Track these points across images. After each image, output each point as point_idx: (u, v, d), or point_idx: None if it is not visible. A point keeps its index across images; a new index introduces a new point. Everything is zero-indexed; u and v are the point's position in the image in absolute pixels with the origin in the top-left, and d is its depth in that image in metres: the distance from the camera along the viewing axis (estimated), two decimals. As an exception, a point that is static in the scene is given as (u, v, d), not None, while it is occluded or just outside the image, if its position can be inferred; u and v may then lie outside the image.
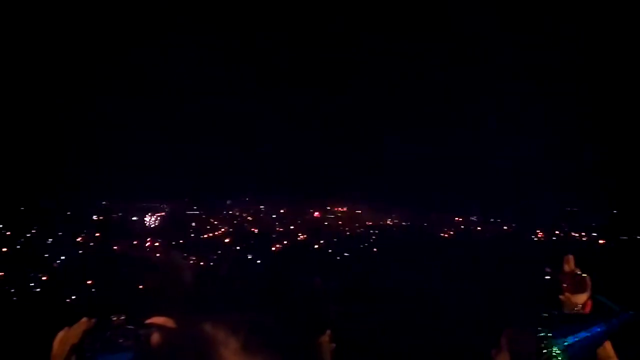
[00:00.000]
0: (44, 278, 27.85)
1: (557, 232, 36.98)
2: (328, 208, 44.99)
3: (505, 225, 41.70)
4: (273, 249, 35.91)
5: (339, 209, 45.10)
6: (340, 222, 43.47)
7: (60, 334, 1.23)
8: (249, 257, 33.20)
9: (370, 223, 43.04)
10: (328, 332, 1.99)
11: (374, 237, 39.79)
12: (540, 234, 37.84)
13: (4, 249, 31.62)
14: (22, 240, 33.53)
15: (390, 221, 44.68)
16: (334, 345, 1.88)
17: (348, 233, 41.10)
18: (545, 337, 1.29)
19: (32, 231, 34.77)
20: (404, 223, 43.85)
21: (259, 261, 31.60)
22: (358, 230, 41.67)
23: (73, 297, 23.92)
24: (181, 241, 36.52)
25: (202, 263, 29.63)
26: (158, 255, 30.75)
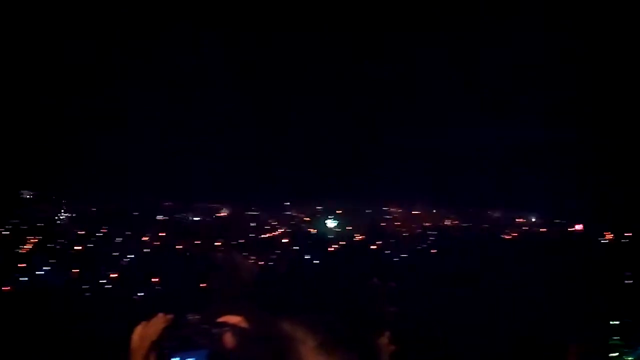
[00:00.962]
0: (113, 275, 29.18)
1: (626, 233, 34.90)
2: (385, 209, 44.65)
3: (570, 227, 39.80)
4: (330, 249, 36.10)
5: (396, 209, 44.67)
6: (397, 223, 43.05)
7: (139, 329, 1.28)
8: (306, 257, 33.48)
9: (429, 224, 42.35)
10: (387, 333, 2.02)
11: (432, 238, 39.14)
12: (609, 236, 35.86)
13: (79, 247, 33.55)
14: (94, 239, 35.42)
15: (450, 222, 43.78)
16: (393, 347, 1.90)
17: (405, 234, 40.65)
18: (618, 345, 1.30)
19: (103, 231, 36.64)
20: (463, 224, 42.85)
21: (316, 261, 31.83)
22: (416, 232, 41.11)
23: (140, 294, 24.87)
24: (241, 241, 37.33)
25: (261, 262, 30.16)
26: (219, 254, 31.53)
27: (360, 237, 39.49)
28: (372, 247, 36.78)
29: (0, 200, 37.21)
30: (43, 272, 29.13)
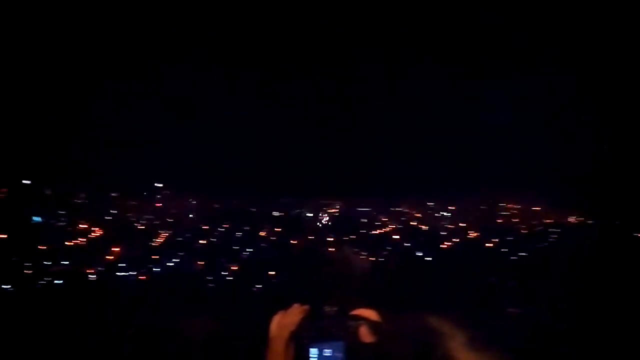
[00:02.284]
0: (234, 268, 30.83)
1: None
2: (501, 204, 42.54)
3: None
4: (443, 246, 35.18)
5: (514, 205, 42.34)
6: (515, 220, 40.81)
7: (277, 318, 1.32)
8: (418, 254, 32.94)
9: (550, 221, 39.57)
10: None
11: (554, 236, 36.50)
12: None
13: (203, 241, 36.06)
14: (217, 234, 37.82)
15: (574, 219, 40.59)
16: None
17: (524, 231, 38.38)
18: None
19: (225, 226, 38.98)
20: (589, 221, 39.45)
21: (428, 258, 31.22)
22: (535, 229, 38.59)
23: (258, 286, 26.01)
24: (352, 237, 37.65)
25: (372, 258, 30.16)
26: (332, 250, 32.09)
27: (475, 235, 37.95)
28: (487, 245, 35.19)
29: (136, 198, 41.05)
30: (173, 264, 31.59)
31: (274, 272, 27.62)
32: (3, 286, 24.39)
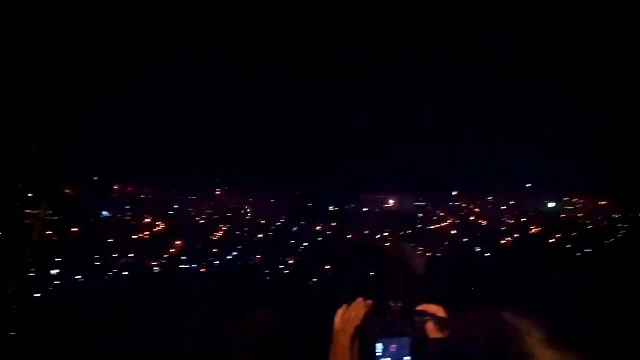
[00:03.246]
0: (290, 261, 31.20)
1: None
2: (565, 199, 40.84)
3: None
4: (502, 242, 34.19)
5: (578, 199, 40.54)
6: (579, 214, 39.09)
7: (340, 312, 1.31)
8: (476, 249, 32.17)
9: (618, 216, 37.58)
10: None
11: (622, 232, 34.60)
12: None
13: (260, 235, 36.77)
14: (274, 227, 38.48)
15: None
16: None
17: (590, 227, 36.64)
18: None
19: (281, 220, 39.60)
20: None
21: (487, 254, 30.42)
22: (601, 224, 36.73)
23: (314, 280, 26.19)
24: (409, 232, 37.25)
25: (429, 253, 29.73)
26: (388, 244, 31.90)
27: (537, 229, 36.60)
28: (550, 240, 33.83)
29: (196, 193, 42.33)
30: (231, 257, 32.37)
31: (329, 266, 27.76)
32: (75, 277, 25.76)
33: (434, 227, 39.60)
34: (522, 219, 38.89)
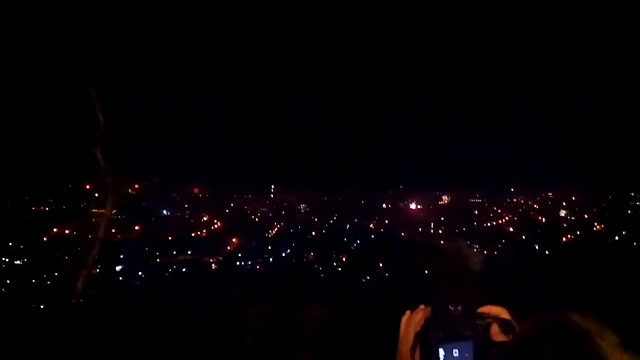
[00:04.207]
0: (343, 259, 31.26)
1: None
2: (632, 194, 38.66)
3: None
4: (564, 239, 32.84)
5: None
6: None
7: (404, 319, 1.27)
8: (535, 247, 31.07)
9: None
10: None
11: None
12: None
13: (314, 233, 37.06)
14: (327, 226, 38.68)
15: None
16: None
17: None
18: None
19: (335, 217, 39.77)
20: None
21: (546, 252, 29.33)
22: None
23: (368, 277, 26.13)
24: (464, 229, 36.44)
25: (485, 251, 29.04)
26: (443, 242, 31.38)
27: (600, 228, 34.84)
28: (614, 238, 32.09)
29: (251, 192, 43.18)
30: (284, 255, 32.78)
31: (382, 264, 27.63)
32: (139, 273, 26.86)
33: (490, 224, 38.60)
34: (584, 216, 37.23)
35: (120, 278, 25.47)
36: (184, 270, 28.10)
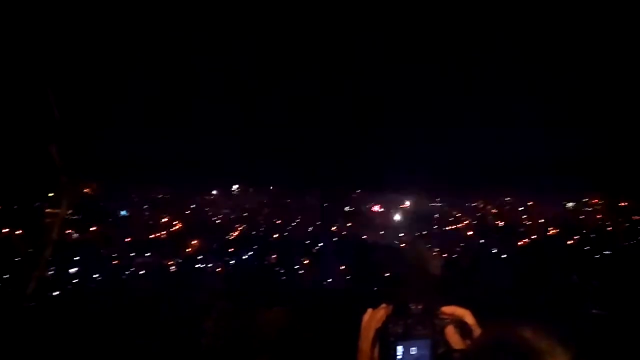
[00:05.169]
0: (305, 262, 31.31)
1: None
2: (585, 200, 40.24)
3: None
4: (520, 243, 33.88)
5: (596, 200, 39.93)
6: (598, 216, 38.53)
7: (365, 317, 1.30)
8: (493, 251, 31.94)
9: (638, 217, 37.00)
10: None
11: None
12: None
13: (276, 235, 36.93)
14: (289, 228, 38.60)
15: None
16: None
17: (609, 228, 36.15)
18: None
19: (298, 220, 39.70)
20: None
21: (504, 255, 30.18)
22: (621, 226, 36.22)
23: (329, 281, 26.27)
24: (425, 232, 37.08)
25: (445, 254, 29.61)
26: (404, 245, 31.84)
27: (554, 231, 36.21)
28: (568, 242, 33.47)
29: (213, 193, 42.62)
30: (246, 257, 32.56)
31: (344, 267, 27.80)
32: (93, 275, 26.14)
33: (450, 227, 39.35)
34: (540, 220, 38.46)
35: (75, 280, 24.70)
36: (142, 272, 27.52)
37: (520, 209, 40.74)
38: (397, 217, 42.48)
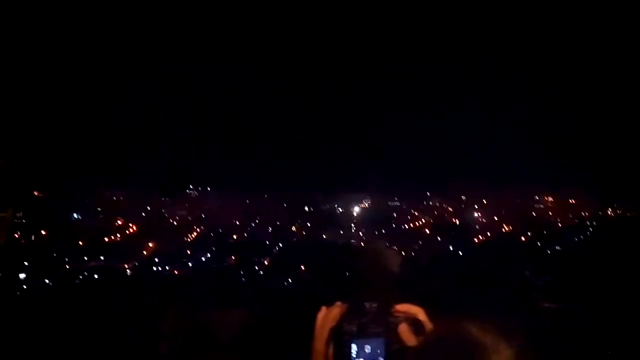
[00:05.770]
0: (265, 262, 31.13)
1: None
2: (537, 197, 41.69)
3: None
4: (476, 240, 34.74)
5: (549, 198, 41.45)
6: (550, 213, 39.98)
7: (320, 315, 1.30)
8: (450, 248, 32.62)
9: (587, 214, 38.67)
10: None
11: (591, 229, 35.62)
12: None
13: (235, 237, 36.58)
14: (248, 228, 38.32)
15: (612, 212, 39.56)
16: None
17: (560, 225, 37.57)
18: None
19: (257, 221, 39.47)
20: (629, 214, 38.36)
21: (460, 253, 30.87)
22: (572, 222, 37.72)
23: (289, 281, 26.17)
24: (384, 231, 37.54)
25: (403, 252, 29.99)
26: (363, 244, 32.09)
27: (509, 228, 37.33)
28: (522, 238, 34.57)
29: (170, 194, 41.87)
30: (204, 259, 32.11)
31: (304, 267, 27.79)
32: (45, 280, 25.21)
33: (408, 226, 39.97)
34: (495, 218, 39.57)
35: (24, 286, 23.73)
36: (95, 277, 26.72)
37: (475, 207, 41.85)
38: (356, 216, 42.89)
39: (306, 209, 42.63)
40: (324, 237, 36.34)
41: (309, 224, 39.49)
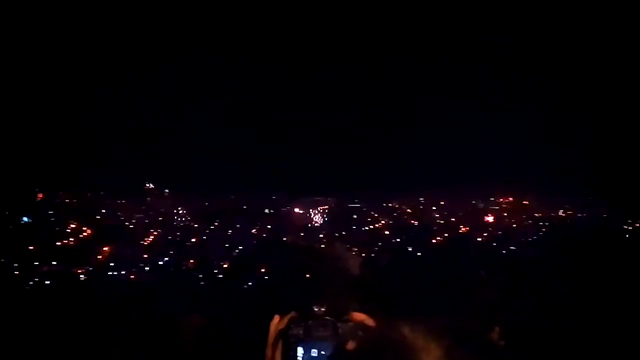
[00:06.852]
0: (225, 265, 30.80)
1: None
2: (492, 199, 42.82)
3: None
4: (434, 241, 35.35)
5: (504, 199, 42.65)
6: (505, 214, 41.14)
7: (274, 322, 1.30)
8: (409, 249, 33.07)
9: (540, 215, 39.99)
10: (497, 329, 1.93)
11: (543, 229, 36.87)
12: None
13: (194, 240, 36.03)
14: (208, 231, 37.81)
15: (563, 213, 41.02)
16: (503, 342, 1.80)
17: (514, 226, 38.71)
18: None
19: (215, 223, 38.99)
20: (579, 215, 39.89)
21: (419, 253, 31.34)
22: (525, 223, 38.95)
23: (250, 284, 25.99)
24: (344, 233, 37.73)
25: (363, 254, 30.20)
26: (323, 246, 32.15)
27: (465, 229, 38.19)
28: (477, 239, 35.46)
29: (125, 197, 40.89)
30: (161, 263, 31.53)
31: (264, 270, 27.65)
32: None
33: (368, 228, 40.31)
34: (452, 219, 40.39)
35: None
36: (47, 282, 25.81)
37: (433, 208, 42.64)
38: (317, 218, 43.00)
39: (267, 211, 42.46)
40: (284, 239, 36.26)
41: (269, 227, 39.31)
